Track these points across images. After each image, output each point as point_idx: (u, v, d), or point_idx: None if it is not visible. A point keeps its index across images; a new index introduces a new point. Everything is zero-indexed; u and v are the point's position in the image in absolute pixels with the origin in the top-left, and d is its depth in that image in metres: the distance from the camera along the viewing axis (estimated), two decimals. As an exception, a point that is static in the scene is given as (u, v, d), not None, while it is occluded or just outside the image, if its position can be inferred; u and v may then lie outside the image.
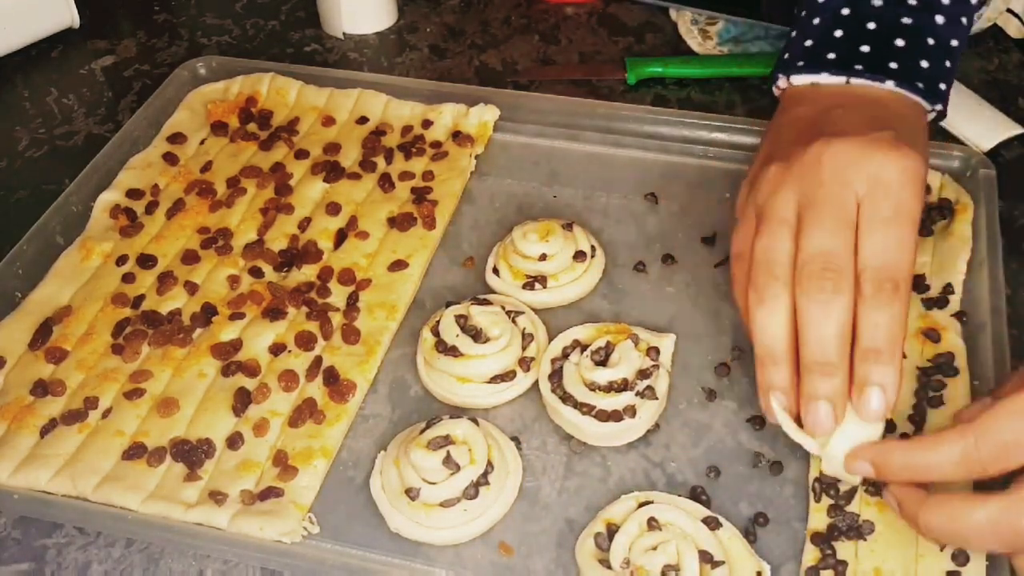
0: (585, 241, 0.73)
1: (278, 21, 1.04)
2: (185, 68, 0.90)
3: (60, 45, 1.00)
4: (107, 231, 0.77)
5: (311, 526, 0.59)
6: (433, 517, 0.58)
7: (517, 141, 0.85)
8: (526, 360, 0.66)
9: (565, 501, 0.61)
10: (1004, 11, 0.93)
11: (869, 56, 0.64)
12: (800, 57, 0.67)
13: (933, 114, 0.66)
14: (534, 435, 0.64)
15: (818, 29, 0.67)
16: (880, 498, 0.58)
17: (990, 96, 0.87)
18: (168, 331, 0.69)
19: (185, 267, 0.74)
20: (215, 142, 0.84)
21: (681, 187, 0.80)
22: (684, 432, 0.64)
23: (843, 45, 0.65)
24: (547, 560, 0.58)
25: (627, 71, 0.93)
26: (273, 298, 0.71)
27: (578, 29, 1.01)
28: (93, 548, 0.60)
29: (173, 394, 0.65)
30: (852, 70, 0.64)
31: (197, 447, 0.62)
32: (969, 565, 0.55)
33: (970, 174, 0.77)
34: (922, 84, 0.64)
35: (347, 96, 0.87)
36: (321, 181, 0.80)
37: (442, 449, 0.59)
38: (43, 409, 0.65)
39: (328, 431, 0.63)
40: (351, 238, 0.76)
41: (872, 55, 0.64)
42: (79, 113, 0.93)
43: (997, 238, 0.71)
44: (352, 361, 0.67)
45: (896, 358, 0.54)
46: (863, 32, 0.65)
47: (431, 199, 0.78)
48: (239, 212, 0.78)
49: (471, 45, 1.00)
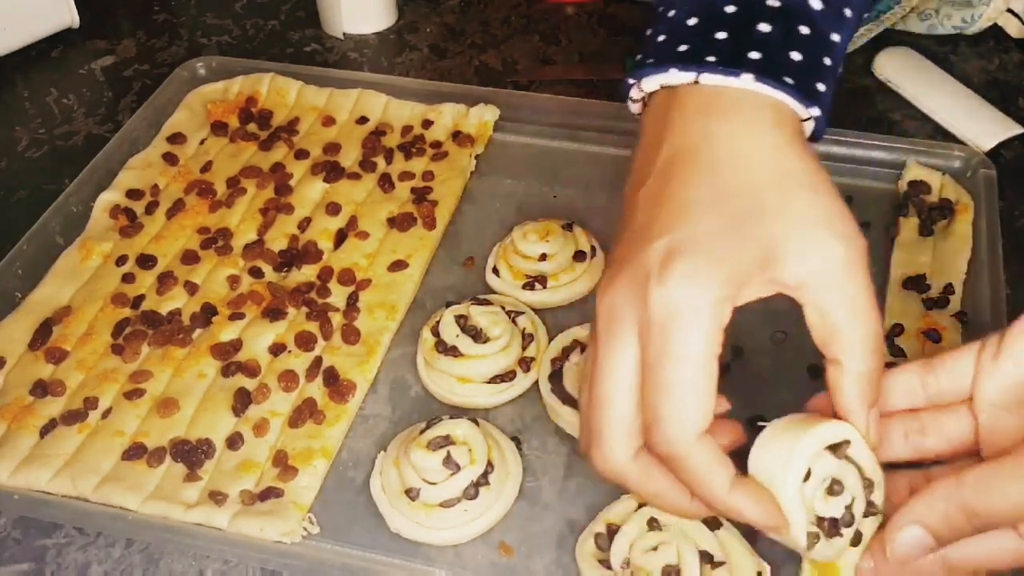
0: (585, 241, 0.73)
1: (278, 21, 1.04)
2: (185, 68, 0.90)
3: (60, 45, 1.00)
4: (107, 231, 0.77)
5: (311, 526, 0.59)
6: (433, 517, 0.58)
7: (517, 141, 0.85)
8: (526, 360, 0.66)
9: (565, 501, 0.61)
10: (1004, 11, 0.93)
11: (725, 43, 0.50)
12: (650, 55, 0.53)
13: (810, 122, 0.51)
14: (534, 435, 0.64)
15: (672, 21, 0.54)
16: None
17: (990, 96, 0.87)
18: (168, 331, 0.69)
19: (185, 267, 0.74)
20: (215, 142, 0.84)
21: (681, 187, 0.80)
22: (684, 432, 0.64)
23: (696, 33, 0.52)
24: (547, 560, 0.58)
25: (627, 71, 0.93)
26: (273, 298, 0.71)
27: (578, 29, 1.01)
28: (93, 548, 0.60)
29: (173, 394, 0.65)
30: (703, 63, 0.50)
31: (197, 447, 0.62)
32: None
33: (970, 174, 0.77)
34: (791, 79, 0.49)
35: (347, 96, 0.87)
36: (321, 181, 0.80)
37: (442, 449, 0.59)
38: (43, 409, 0.65)
39: (328, 431, 0.63)
40: (351, 238, 0.76)
41: (728, 42, 0.50)
42: (79, 113, 0.93)
43: (997, 238, 0.71)
44: (352, 361, 0.67)
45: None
46: (720, 17, 0.52)
47: (431, 199, 0.78)
48: (239, 212, 0.78)
49: (471, 45, 1.00)
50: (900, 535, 0.46)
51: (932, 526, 0.45)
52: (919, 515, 0.46)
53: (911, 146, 0.79)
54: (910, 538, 0.46)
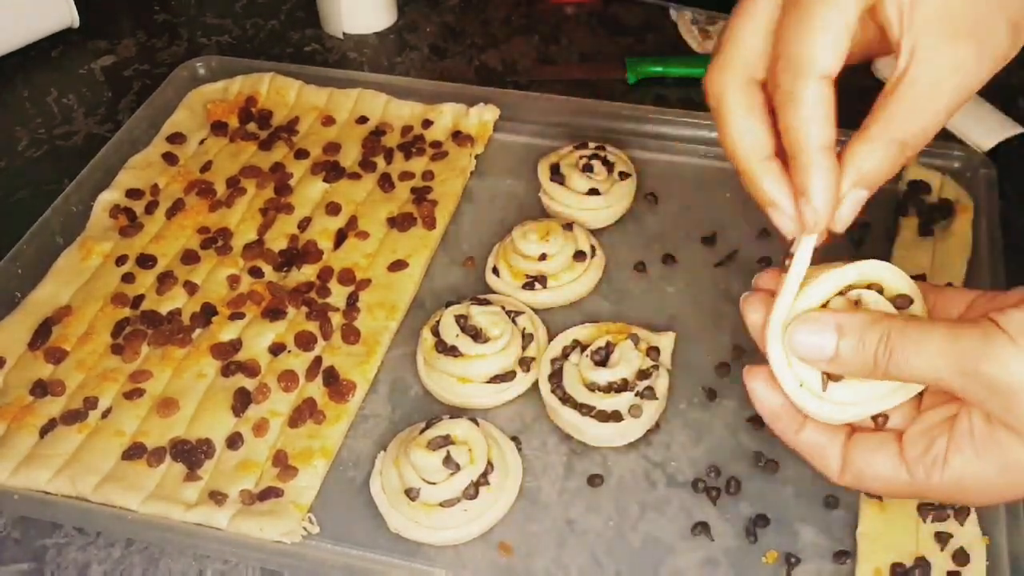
0: (585, 241, 0.73)
1: (278, 21, 1.04)
2: (185, 68, 0.90)
3: (60, 45, 1.00)
4: (107, 231, 0.77)
5: (311, 526, 0.59)
6: (433, 517, 0.58)
7: (517, 141, 0.85)
8: (526, 360, 0.66)
9: (565, 501, 0.61)
10: (1004, 11, 0.93)
11: None
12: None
13: None
14: (534, 435, 0.64)
15: None
16: (881, 500, 0.58)
17: (990, 96, 0.86)
18: (168, 331, 0.69)
19: (185, 267, 0.74)
20: (215, 142, 0.84)
21: (681, 187, 0.80)
22: (684, 432, 0.64)
23: None
24: (547, 560, 0.58)
25: (627, 71, 0.93)
26: (273, 298, 0.71)
27: (578, 29, 1.01)
28: (93, 548, 0.60)
29: (173, 394, 0.65)
30: None
31: (197, 447, 0.62)
32: (969, 565, 0.55)
33: (970, 174, 0.77)
34: None
35: (347, 96, 0.87)
36: (321, 181, 0.80)
37: (442, 449, 0.59)
38: (43, 409, 0.65)
39: (328, 431, 0.63)
40: (351, 238, 0.76)
41: None
42: (79, 113, 0.93)
43: (997, 238, 0.71)
44: (352, 361, 0.67)
45: None
46: None
47: (431, 199, 0.78)
48: (239, 212, 0.78)
49: (471, 45, 1.00)
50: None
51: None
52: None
53: (911, 146, 0.79)
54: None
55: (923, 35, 0.45)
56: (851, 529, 0.58)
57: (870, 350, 0.45)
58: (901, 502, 0.58)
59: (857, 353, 0.45)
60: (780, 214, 0.48)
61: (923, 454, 0.46)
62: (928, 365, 0.43)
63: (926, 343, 0.44)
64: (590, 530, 0.59)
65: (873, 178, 0.47)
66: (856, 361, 0.45)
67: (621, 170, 0.77)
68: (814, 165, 0.46)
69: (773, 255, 0.73)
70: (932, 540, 0.56)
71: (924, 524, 0.57)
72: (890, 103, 0.46)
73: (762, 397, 0.50)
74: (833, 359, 0.46)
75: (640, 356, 0.64)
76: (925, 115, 0.46)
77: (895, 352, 0.44)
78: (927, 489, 0.46)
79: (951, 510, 0.57)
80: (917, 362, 0.44)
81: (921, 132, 0.46)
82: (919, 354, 0.44)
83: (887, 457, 0.47)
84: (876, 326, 0.45)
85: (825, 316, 0.46)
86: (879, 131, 0.46)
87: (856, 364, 0.45)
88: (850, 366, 0.46)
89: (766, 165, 0.48)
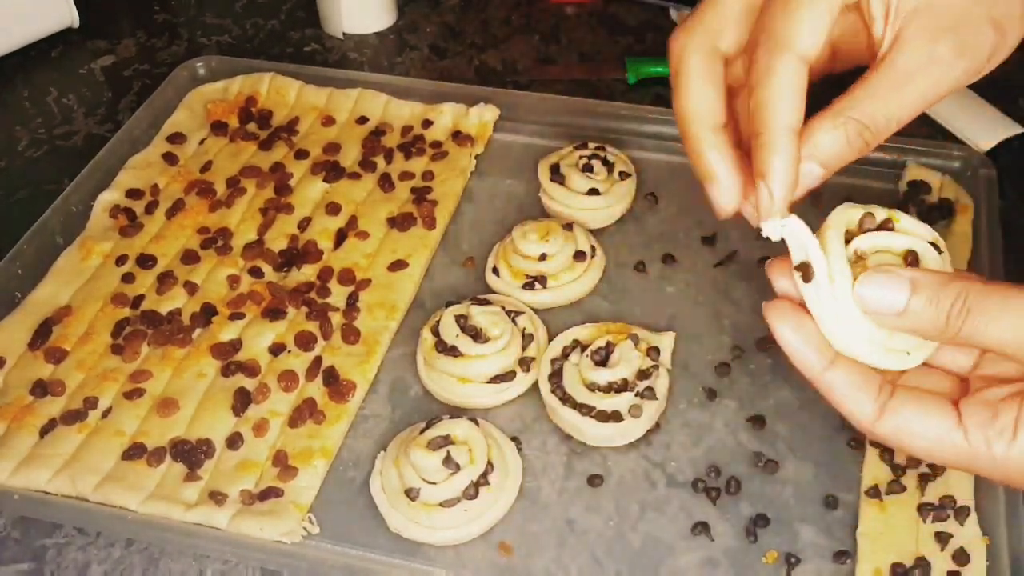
0: (585, 241, 0.73)
1: (278, 21, 1.04)
2: (185, 68, 0.90)
3: (60, 45, 1.00)
4: (107, 231, 0.77)
5: (311, 526, 0.59)
6: (433, 517, 0.58)
7: (517, 141, 0.85)
8: (526, 360, 0.66)
9: (565, 501, 0.61)
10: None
11: None
12: None
13: None
14: (534, 435, 0.64)
15: None
16: (881, 500, 0.58)
17: (990, 96, 0.86)
18: (168, 331, 0.69)
19: (185, 267, 0.74)
20: (215, 142, 0.84)
21: (681, 187, 0.80)
22: (684, 432, 0.64)
23: None
24: (547, 560, 0.58)
25: (627, 71, 0.93)
26: (273, 298, 0.71)
27: (578, 29, 1.01)
28: (93, 548, 0.60)
29: (173, 394, 0.65)
30: None
31: (197, 447, 0.62)
32: (969, 565, 0.55)
33: (970, 174, 0.77)
34: None
35: (347, 96, 0.87)
36: (321, 181, 0.80)
37: (442, 449, 0.59)
38: (43, 409, 0.65)
39: (328, 431, 0.63)
40: (351, 238, 0.76)
41: None
42: (79, 113, 0.93)
43: (997, 238, 0.71)
44: (352, 361, 0.67)
45: None
46: None
47: (431, 199, 0.78)
48: (239, 212, 0.78)
49: (471, 45, 1.00)
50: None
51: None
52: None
53: (911, 146, 0.79)
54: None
55: (906, 26, 0.45)
56: (851, 529, 0.58)
57: (944, 309, 0.43)
58: (901, 502, 0.58)
59: (928, 311, 0.43)
60: (717, 188, 0.47)
61: (989, 421, 0.43)
62: (1010, 334, 0.41)
63: (1010, 309, 0.41)
64: (590, 530, 0.59)
65: (827, 153, 0.46)
66: (926, 318, 0.43)
67: (621, 170, 0.77)
68: (777, 144, 0.45)
69: (773, 255, 0.73)
70: (932, 540, 0.57)
71: (924, 524, 0.57)
72: (861, 84, 0.46)
73: (785, 331, 0.45)
74: (903, 313, 0.43)
75: (640, 356, 0.64)
76: (892, 101, 0.45)
77: (973, 314, 0.42)
78: (983, 458, 0.43)
79: (951, 510, 0.57)
80: (995, 328, 0.42)
81: (884, 119, 0.46)
82: (1000, 318, 0.41)
83: (941, 417, 0.44)
84: (952, 285, 0.43)
85: (899, 270, 0.44)
86: (843, 107, 0.45)
87: (926, 322, 0.43)
88: (919, 323, 0.43)
89: (713, 136, 0.47)
